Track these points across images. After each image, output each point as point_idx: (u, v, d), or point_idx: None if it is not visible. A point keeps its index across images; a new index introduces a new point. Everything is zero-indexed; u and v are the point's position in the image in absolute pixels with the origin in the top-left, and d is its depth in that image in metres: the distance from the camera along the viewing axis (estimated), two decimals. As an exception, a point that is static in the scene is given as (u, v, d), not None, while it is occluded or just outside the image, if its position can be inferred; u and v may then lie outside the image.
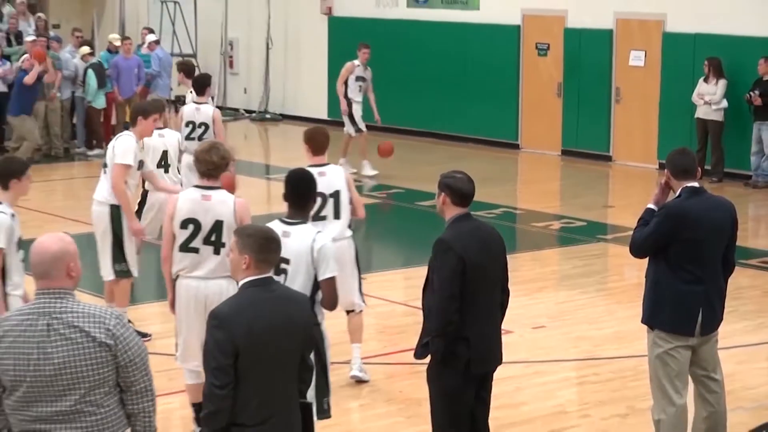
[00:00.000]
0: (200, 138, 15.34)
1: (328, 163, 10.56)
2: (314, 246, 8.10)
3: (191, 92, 16.34)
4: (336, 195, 10.43)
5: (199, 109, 15.81)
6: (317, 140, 10.57)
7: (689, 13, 21.83)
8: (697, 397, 8.54)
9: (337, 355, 11.15)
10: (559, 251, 16.93)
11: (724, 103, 20.79)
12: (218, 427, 6.21)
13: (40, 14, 26.29)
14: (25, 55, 22.68)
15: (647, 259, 8.56)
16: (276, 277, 7.94)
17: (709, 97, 20.87)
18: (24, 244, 16.06)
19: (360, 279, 10.87)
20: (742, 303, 13.19)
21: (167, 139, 13.48)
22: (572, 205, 19.63)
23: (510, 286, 8.15)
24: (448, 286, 7.61)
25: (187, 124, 15.82)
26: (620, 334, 12.25)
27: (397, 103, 25.00)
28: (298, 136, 25.89)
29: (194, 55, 29.99)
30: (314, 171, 9.78)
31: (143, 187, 13.25)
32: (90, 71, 23.56)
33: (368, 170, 20.83)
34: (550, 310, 13.47)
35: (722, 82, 20.80)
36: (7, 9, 25.45)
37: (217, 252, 9.24)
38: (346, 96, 21.20)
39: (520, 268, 15.10)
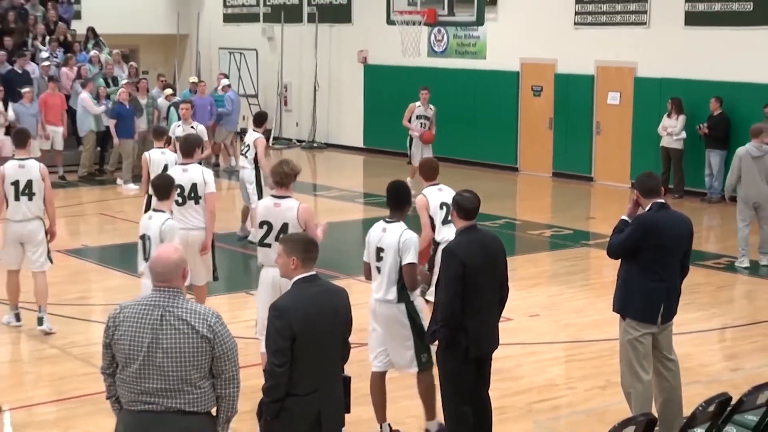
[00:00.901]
0: (245, 155, 16.22)
1: (439, 183, 10.70)
2: (401, 239, 8.29)
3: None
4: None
5: (251, 135, 16.34)
6: (424, 170, 10.86)
7: (656, 61, 21.77)
8: (655, 372, 8.52)
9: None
10: (550, 254, 16.90)
11: (683, 135, 20.73)
12: (278, 398, 6.24)
13: (132, 63, 26.38)
14: (121, 90, 22.98)
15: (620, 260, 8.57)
16: (377, 263, 8.38)
17: (671, 130, 20.81)
18: (121, 248, 16.21)
19: None
20: (698, 296, 13.15)
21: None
22: (561, 216, 19.58)
23: (510, 283, 8.16)
24: (452, 286, 7.62)
25: (242, 146, 16.59)
26: (599, 322, 12.21)
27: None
28: (340, 161, 25.96)
29: (256, 95, 30.16)
30: (434, 188, 10.50)
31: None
32: (172, 108, 23.60)
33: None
34: (543, 302, 13.45)
35: (682, 118, 20.75)
36: (104, 56, 25.58)
37: None
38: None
39: (519, 268, 15.08)
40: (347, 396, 6.65)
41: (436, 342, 7.96)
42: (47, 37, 25.92)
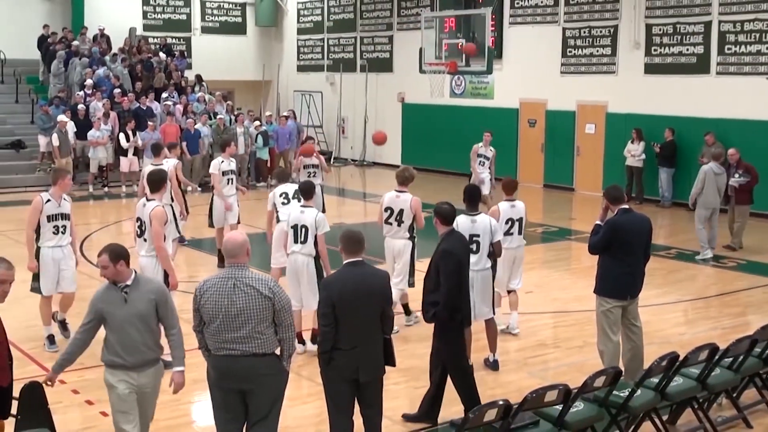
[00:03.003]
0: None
1: (515, 199, 10.92)
2: (491, 224, 8.96)
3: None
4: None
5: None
6: (503, 186, 10.96)
7: (622, 101, 21.64)
8: (624, 335, 8.48)
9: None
10: (542, 245, 16.77)
11: (643, 156, 20.59)
12: (326, 349, 6.31)
13: (228, 101, 26.54)
14: (189, 120, 23.23)
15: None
16: (471, 245, 8.63)
17: (634, 152, 20.69)
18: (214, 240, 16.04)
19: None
20: (654, 278, 12.99)
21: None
22: (550, 217, 19.50)
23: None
24: (451, 278, 7.42)
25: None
26: (579, 297, 12.16)
27: (443, 154, 25.08)
28: (383, 175, 25.80)
29: (321, 126, 30.21)
30: (508, 204, 10.76)
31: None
32: (259, 135, 23.76)
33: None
34: (536, 281, 13.35)
35: (642, 143, 20.61)
36: (208, 97, 25.74)
37: (399, 225, 10.28)
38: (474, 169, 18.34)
39: (518, 256, 15.03)
40: (391, 353, 6.63)
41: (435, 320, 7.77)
42: (167, 82, 26.14)
